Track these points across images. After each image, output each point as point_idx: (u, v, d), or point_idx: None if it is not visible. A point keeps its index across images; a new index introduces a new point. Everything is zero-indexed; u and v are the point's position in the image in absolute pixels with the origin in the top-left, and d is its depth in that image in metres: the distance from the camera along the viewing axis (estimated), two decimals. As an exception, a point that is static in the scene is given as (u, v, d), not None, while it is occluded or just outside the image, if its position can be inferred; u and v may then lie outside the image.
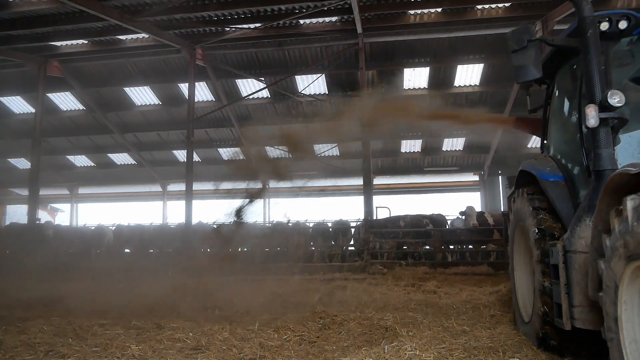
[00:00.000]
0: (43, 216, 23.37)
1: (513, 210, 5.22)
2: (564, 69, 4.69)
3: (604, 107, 3.49)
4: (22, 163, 26.14)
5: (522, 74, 3.98)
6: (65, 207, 29.55)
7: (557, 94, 4.93)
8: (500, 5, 14.61)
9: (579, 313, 3.47)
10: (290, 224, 18.03)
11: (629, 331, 2.82)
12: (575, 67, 4.43)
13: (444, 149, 23.70)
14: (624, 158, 3.69)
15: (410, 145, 23.81)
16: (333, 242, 16.61)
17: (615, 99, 3.43)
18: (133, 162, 25.84)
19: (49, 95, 20.31)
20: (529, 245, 4.61)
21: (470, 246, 15.04)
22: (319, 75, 18.25)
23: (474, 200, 25.34)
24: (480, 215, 15.40)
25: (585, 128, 3.69)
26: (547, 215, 4.30)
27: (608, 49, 3.85)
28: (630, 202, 2.63)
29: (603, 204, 3.02)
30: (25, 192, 20.15)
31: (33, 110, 20.13)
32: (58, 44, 17.19)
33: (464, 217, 14.74)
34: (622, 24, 3.80)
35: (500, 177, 23.51)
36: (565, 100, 4.72)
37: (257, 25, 15.37)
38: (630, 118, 3.68)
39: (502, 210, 19.24)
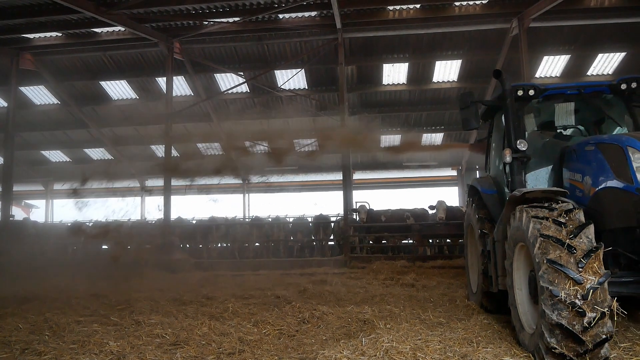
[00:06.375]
0: (17, 213, 22.87)
1: (465, 215, 7.05)
2: (499, 113, 6.28)
3: (515, 150, 5.06)
4: (-6, 158, 25.48)
5: (467, 125, 5.57)
6: (40, 203, 28.96)
7: (494, 130, 6.59)
8: (477, 2, 14.78)
9: (502, 280, 5.11)
10: (270, 219, 18.06)
11: (519, 292, 4.45)
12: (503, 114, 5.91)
13: (422, 144, 23.93)
14: (531, 183, 5.37)
15: (390, 141, 23.98)
16: (313, 237, 16.66)
17: (521, 145, 5.02)
18: (110, 157, 25.44)
19: (22, 88, 19.76)
20: (475, 240, 6.30)
21: (448, 240, 15.24)
22: (299, 70, 18.21)
23: (452, 195, 25.77)
24: (459, 210, 15.58)
25: (504, 162, 5.25)
26: (485, 218, 6.04)
27: (522, 107, 5.48)
28: (517, 211, 4.32)
29: (507, 212, 4.66)
30: (-2, 188, 19.65)
31: (5, 104, 19.61)
32: (31, 36, 16.72)
33: (434, 211, 14.96)
34: (531, 92, 5.41)
35: (477, 172, 23.86)
36: (499, 136, 6.26)
37: (236, 19, 15.23)
38: (538, 155, 5.38)
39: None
